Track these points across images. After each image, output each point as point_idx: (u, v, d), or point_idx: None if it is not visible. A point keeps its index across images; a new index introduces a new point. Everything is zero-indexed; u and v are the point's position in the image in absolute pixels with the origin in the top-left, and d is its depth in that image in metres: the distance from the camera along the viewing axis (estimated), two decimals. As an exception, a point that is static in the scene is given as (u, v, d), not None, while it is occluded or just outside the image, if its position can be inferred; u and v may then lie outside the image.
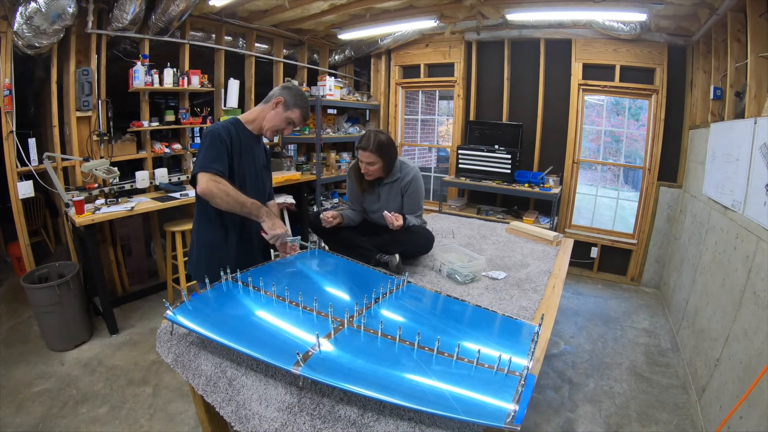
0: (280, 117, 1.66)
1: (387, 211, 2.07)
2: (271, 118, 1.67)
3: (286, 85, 1.73)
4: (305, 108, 1.71)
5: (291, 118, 1.67)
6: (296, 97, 1.67)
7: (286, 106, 1.65)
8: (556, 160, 4.08)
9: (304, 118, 1.71)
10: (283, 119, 1.67)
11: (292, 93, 1.67)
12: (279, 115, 1.66)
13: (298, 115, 1.68)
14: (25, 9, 2.41)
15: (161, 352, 1.28)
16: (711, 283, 2.35)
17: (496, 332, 1.31)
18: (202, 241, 1.69)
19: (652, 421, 2.13)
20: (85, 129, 3.02)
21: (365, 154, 1.93)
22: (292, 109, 1.66)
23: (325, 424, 0.96)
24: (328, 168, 4.49)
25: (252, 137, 1.70)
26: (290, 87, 1.71)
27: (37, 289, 2.49)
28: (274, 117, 1.66)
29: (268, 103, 1.68)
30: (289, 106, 1.66)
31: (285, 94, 1.66)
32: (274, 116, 1.66)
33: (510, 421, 0.86)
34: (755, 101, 2.16)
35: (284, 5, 3.43)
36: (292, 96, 1.66)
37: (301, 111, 1.69)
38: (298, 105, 1.67)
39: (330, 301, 1.28)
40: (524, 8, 3.41)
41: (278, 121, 1.67)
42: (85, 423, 2.01)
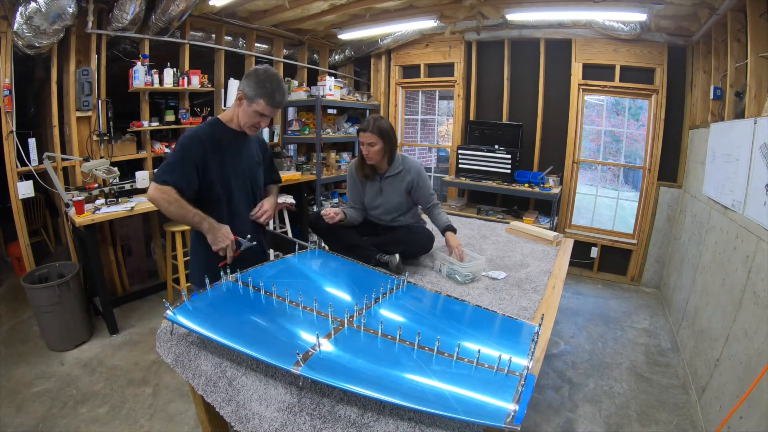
0: (248, 113, 1.53)
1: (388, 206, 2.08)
2: (242, 116, 1.55)
3: (247, 73, 1.54)
4: (269, 94, 1.49)
5: (257, 111, 1.51)
6: (256, 85, 1.49)
7: (249, 99, 1.51)
8: (556, 160, 4.08)
9: (273, 105, 1.52)
10: (251, 114, 1.53)
11: (251, 82, 1.50)
12: (245, 111, 1.53)
13: (263, 105, 1.50)
14: (25, 9, 2.41)
15: (161, 352, 1.28)
16: (711, 283, 2.35)
17: (496, 332, 1.31)
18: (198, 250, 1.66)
19: (652, 421, 2.13)
20: (85, 129, 3.02)
21: (366, 135, 1.96)
22: (255, 101, 1.50)
23: (325, 424, 0.96)
24: (328, 168, 4.49)
25: (235, 135, 1.61)
26: (250, 74, 1.52)
27: (37, 289, 2.49)
28: (243, 114, 1.55)
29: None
30: (251, 98, 1.50)
31: (244, 86, 1.51)
32: (242, 113, 1.55)
33: (510, 421, 0.86)
34: (755, 101, 2.16)
35: (284, 5, 3.43)
36: (251, 86, 1.49)
37: (266, 100, 1.50)
38: (259, 94, 1.49)
39: (330, 301, 1.28)
40: (524, 8, 3.41)
41: (248, 117, 1.54)
42: (85, 423, 2.01)
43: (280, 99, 1.53)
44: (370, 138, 1.95)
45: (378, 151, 1.98)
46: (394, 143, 2.05)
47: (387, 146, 2.00)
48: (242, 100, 1.53)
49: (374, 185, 2.13)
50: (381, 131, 1.96)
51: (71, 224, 2.83)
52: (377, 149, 1.98)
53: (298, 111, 4.67)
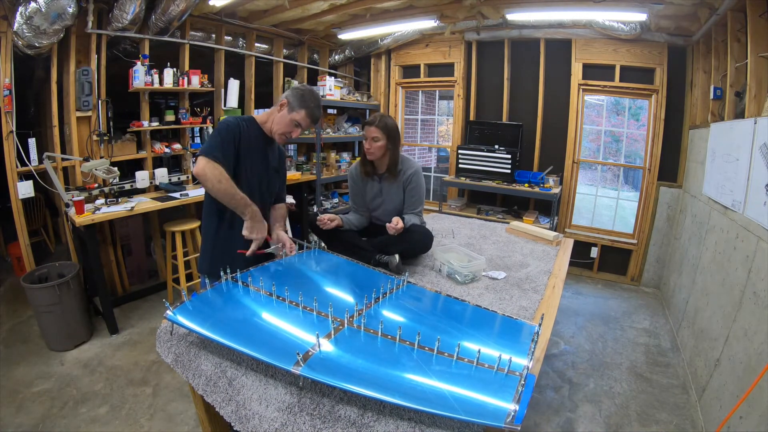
0: (285, 119, 1.63)
1: (388, 206, 2.08)
2: (277, 121, 1.64)
3: (295, 86, 1.68)
4: (311, 108, 1.63)
5: (296, 120, 1.62)
6: (301, 97, 1.61)
7: (291, 107, 1.61)
8: (556, 160, 4.08)
9: (311, 119, 1.65)
10: (288, 122, 1.63)
11: (297, 93, 1.62)
12: (284, 117, 1.63)
13: (303, 116, 1.62)
14: (25, 9, 2.41)
15: (161, 352, 1.28)
16: (711, 283, 2.35)
17: (496, 332, 1.31)
18: (208, 234, 1.70)
19: (652, 421, 2.13)
20: (85, 129, 3.02)
21: (371, 129, 1.97)
22: (296, 110, 1.61)
23: (325, 424, 0.96)
24: (328, 168, 4.49)
25: (264, 138, 1.69)
26: (297, 87, 1.66)
27: (37, 289, 2.49)
28: (280, 120, 1.63)
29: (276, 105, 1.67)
30: (294, 107, 1.61)
31: (289, 95, 1.62)
32: (280, 119, 1.63)
33: (510, 421, 0.86)
34: (755, 101, 2.16)
35: (284, 5, 3.43)
36: (296, 97, 1.61)
37: (307, 111, 1.62)
38: (302, 105, 1.61)
39: (330, 301, 1.28)
40: (524, 8, 3.41)
41: (283, 123, 1.63)
42: (85, 423, 2.01)
43: (318, 114, 1.67)
44: (375, 132, 1.96)
45: (380, 147, 1.99)
46: (398, 144, 2.06)
47: (390, 144, 2.00)
48: (284, 106, 1.62)
49: (374, 185, 2.14)
50: (387, 128, 1.97)
51: (71, 224, 2.83)
52: (380, 145, 1.98)
53: (298, 111, 4.66)
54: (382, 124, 1.97)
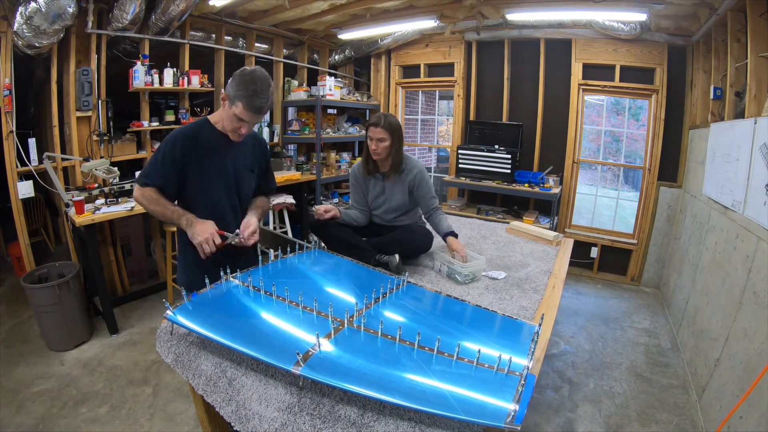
0: (228, 116, 1.43)
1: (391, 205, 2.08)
2: (225, 119, 1.47)
3: (234, 74, 1.42)
4: (249, 97, 1.35)
5: (237, 115, 1.39)
6: (238, 86, 1.36)
7: (230, 101, 1.39)
8: (556, 160, 4.08)
9: (253, 110, 1.38)
10: (231, 118, 1.42)
11: (234, 83, 1.39)
12: (227, 113, 1.43)
13: (241, 108, 1.37)
14: (25, 9, 2.41)
15: (161, 352, 1.28)
16: (711, 283, 2.35)
17: (496, 332, 1.31)
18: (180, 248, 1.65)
19: (652, 421, 2.13)
20: (85, 129, 3.02)
21: (377, 130, 1.96)
22: (234, 103, 1.38)
23: (325, 424, 0.96)
24: (328, 168, 4.49)
25: (221, 137, 1.52)
26: (235, 75, 1.41)
27: (37, 289, 2.49)
28: (226, 116, 1.45)
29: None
30: (232, 100, 1.38)
31: (228, 88, 1.40)
32: (225, 116, 1.45)
33: (510, 421, 0.86)
34: (755, 101, 2.16)
35: (284, 5, 3.43)
36: (234, 87, 1.38)
37: (244, 102, 1.36)
38: (239, 96, 1.36)
39: (330, 301, 1.28)
40: (524, 8, 3.41)
41: (229, 120, 1.44)
42: (85, 423, 2.01)
43: (260, 104, 1.37)
44: (381, 133, 1.96)
45: (386, 147, 1.99)
46: (401, 141, 2.06)
47: (395, 143, 2.01)
48: (225, 101, 1.43)
49: (377, 184, 2.14)
50: (392, 127, 1.97)
51: (71, 224, 2.83)
52: (386, 145, 1.99)
53: (298, 111, 4.67)
54: (386, 124, 1.96)
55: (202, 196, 1.53)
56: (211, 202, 1.55)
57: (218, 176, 1.54)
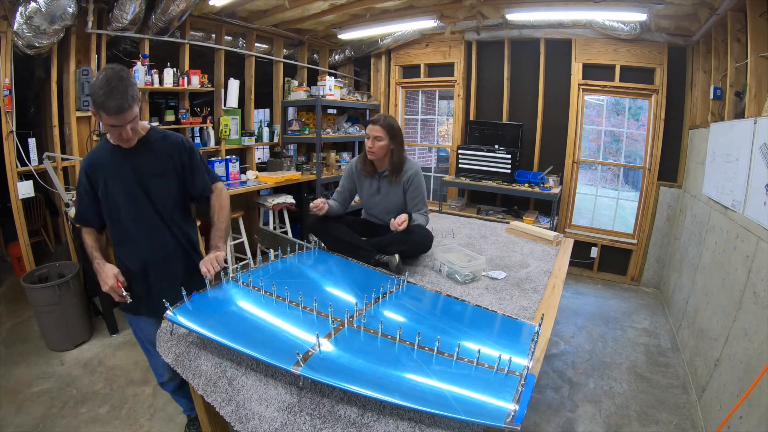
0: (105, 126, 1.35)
1: (386, 206, 2.08)
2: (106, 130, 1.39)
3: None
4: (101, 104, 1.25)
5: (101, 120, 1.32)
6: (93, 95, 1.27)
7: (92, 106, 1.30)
8: (556, 160, 4.08)
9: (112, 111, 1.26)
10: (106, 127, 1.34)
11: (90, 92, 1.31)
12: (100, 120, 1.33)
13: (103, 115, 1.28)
14: (25, 9, 2.41)
15: (161, 352, 1.28)
16: (711, 283, 2.35)
17: (496, 332, 1.31)
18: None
19: (652, 421, 2.13)
20: (85, 129, 3.02)
21: (374, 128, 1.97)
22: (98, 112, 1.28)
23: (325, 424, 0.96)
24: (328, 168, 4.49)
25: (117, 152, 1.43)
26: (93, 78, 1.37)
27: (37, 289, 2.49)
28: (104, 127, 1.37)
29: None
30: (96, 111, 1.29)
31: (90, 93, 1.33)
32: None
33: (510, 421, 0.86)
34: (755, 101, 2.16)
35: (284, 5, 3.43)
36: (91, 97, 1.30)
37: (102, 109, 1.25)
38: (95, 104, 1.26)
39: (330, 301, 1.28)
40: (524, 8, 3.41)
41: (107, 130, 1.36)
42: (85, 423, 2.01)
43: (116, 104, 1.25)
44: (378, 132, 1.96)
45: (382, 147, 1.99)
46: (402, 144, 2.06)
47: (392, 144, 2.01)
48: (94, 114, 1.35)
49: (373, 183, 2.13)
50: (390, 128, 1.98)
51: (71, 224, 2.83)
52: (382, 145, 1.98)
53: (298, 111, 4.67)
54: (386, 123, 1.97)
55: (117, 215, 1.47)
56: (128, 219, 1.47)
57: (122, 192, 1.44)
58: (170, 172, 1.52)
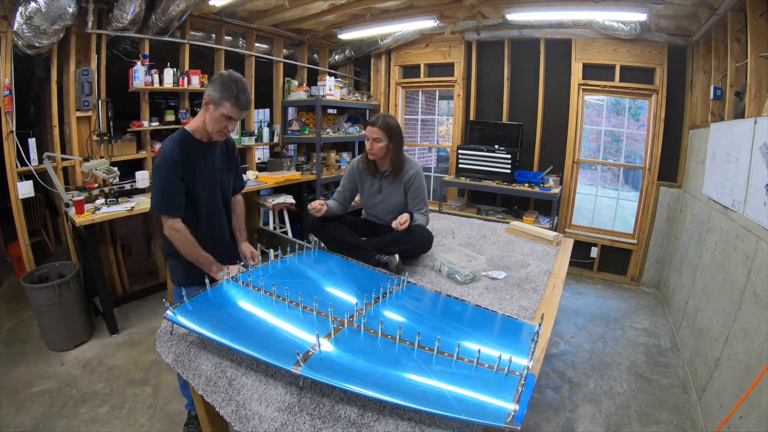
0: (214, 117, 1.53)
1: (387, 205, 2.08)
2: (209, 122, 1.55)
3: (213, 78, 1.56)
4: (235, 96, 1.50)
5: (224, 114, 1.52)
6: (221, 89, 1.49)
7: (216, 103, 1.51)
8: (556, 160, 4.08)
9: (240, 107, 1.52)
10: (218, 118, 1.53)
11: (217, 86, 1.51)
12: (212, 115, 1.53)
13: (229, 108, 1.50)
14: (25, 9, 2.41)
15: (161, 352, 1.28)
16: (711, 283, 2.35)
17: (496, 332, 1.31)
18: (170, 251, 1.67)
19: (652, 421, 2.13)
20: (85, 129, 3.02)
21: (373, 130, 1.96)
22: (222, 104, 1.50)
23: (325, 424, 0.96)
24: (328, 168, 4.49)
25: (202, 145, 1.62)
26: (215, 79, 1.54)
27: (37, 289, 2.49)
28: (211, 119, 1.54)
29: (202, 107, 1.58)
30: (218, 102, 1.50)
31: (210, 92, 1.52)
32: (210, 119, 1.55)
33: (510, 421, 0.86)
34: (755, 101, 2.16)
35: (284, 5, 3.43)
36: (217, 90, 1.50)
37: (232, 102, 1.50)
38: (225, 97, 1.49)
39: (330, 301, 1.28)
40: (524, 8, 3.41)
41: (216, 121, 1.54)
42: (85, 423, 2.01)
43: (245, 101, 1.53)
44: (377, 133, 1.96)
45: (382, 148, 1.99)
46: (401, 143, 2.06)
47: (392, 144, 2.01)
48: (209, 105, 1.53)
49: (374, 183, 2.14)
50: (389, 128, 1.97)
51: (71, 224, 2.83)
52: (382, 146, 1.98)
53: (298, 111, 4.67)
54: (383, 124, 1.96)
55: (201, 206, 1.63)
56: (208, 209, 1.66)
57: (207, 182, 1.64)
58: (231, 168, 1.80)
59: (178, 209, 1.55)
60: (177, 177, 1.53)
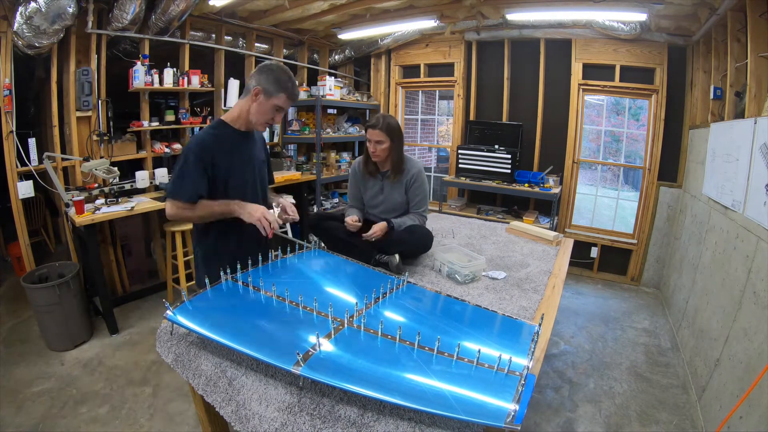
0: (265, 107, 1.50)
1: (389, 205, 2.09)
2: (255, 111, 1.52)
3: (262, 68, 1.52)
4: (290, 88, 1.51)
5: (277, 105, 1.51)
6: (276, 80, 1.48)
7: (267, 93, 1.49)
8: (556, 160, 4.08)
9: (293, 98, 1.54)
10: (269, 108, 1.51)
11: (271, 77, 1.48)
12: (262, 105, 1.50)
13: (284, 99, 1.50)
14: (25, 9, 2.41)
15: (161, 352, 1.28)
16: (711, 283, 2.35)
17: (496, 332, 1.31)
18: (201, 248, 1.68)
19: (652, 421, 2.13)
20: (85, 129, 3.02)
21: (374, 132, 1.96)
22: (275, 95, 1.49)
23: (325, 424, 0.96)
24: (328, 168, 4.49)
25: (240, 135, 1.59)
26: (267, 69, 1.51)
27: (37, 289, 2.49)
28: (258, 109, 1.51)
29: (247, 95, 1.53)
30: (271, 92, 1.48)
31: (263, 81, 1.49)
32: (258, 108, 1.51)
33: (510, 421, 0.86)
34: (755, 101, 2.16)
35: (284, 5, 3.43)
36: (271, 81, 1.48)
37: (287, 93, 1.50)
38: (281, 88, 1.49)
39: (330, 301, 1.28)
40: (524, 8, 3.41)
41: (263, 112, 1.52)
42: (85, 423, 2.01)
43: (297, 92, 1.56)
44: (379, 135, 1.96)
45: (385, 149, 1.99)
46: (401, 142, 2.06)
47: (394, 144, 2.01)
48: (259, 95, 1.49)
49: (376, 183, 2.14)
50: (390, 129, 1.97)
51: (71, 224, 2.83)
52: (384, 147, 1.99)
53: (298, 111, 4.67)
54: (384, 125, 1.96)
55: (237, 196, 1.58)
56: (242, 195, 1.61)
57: (248, 174, 1.63)
58: (267, 161, 1.79)
59: (188, 195, 1.47)
60: (199, 165, 1.47)
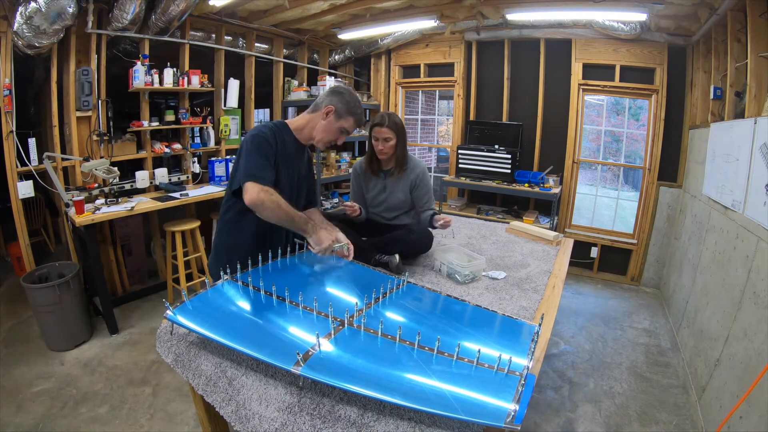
0: (332, 127, 1.56)
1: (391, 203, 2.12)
2: (322, 129, 1.56)
3: (336, 90, 1.58)
4: (359, 114, 1.59)
5: (344, 127, 1.57)
6: (348, 103, 1.55)
7: (338, 115, 1.54)
8: (556, 160, 4.08)
9: (358, 124, 1.62)
10: (335, 129, 1.56)
11: (344, 99, 1.55)
12: (331, 125, 1.55)
13: (351, 123, 1.57)
14: (25, 9, 2.41)
15: (161, 352, 1.28)
16: (711, 283, 2.35)
17: (496, 332, 1.31)
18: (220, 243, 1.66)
19: (652, 421, 2.13)
20: (85, 129, 3.02)
21: (382, 130, 1.98)
22: (345, 117, 1.55)
23: (325, 424, 0.96)
24: (328, 168, 4.49)
25: (297, 146, 1.62)
26: (341, 92, 1.57)
27: (37, 289, 2.49)
28: (326, 127, 1.56)
29: (317, 111, 1.57)
30: (342, 114, 1.55)
31: (336, 102, 1.54)
32: (325, 126, 1.56)
33: (510, 421, 0.86)
34: (755, 101, 2.16)
35: (284, 5, 3.43)
36: (344, 103, 1.54)
37: (355, 118, 1.58)
38: (351, 112, 1.56)
39: (330, 301, 1.28)
40: (524, 8, 3.41)
41: (330, 131, 1.57)
42: (85, 423, 2.01)
43: (363, 120, 1.65)
44: (387, 133, 1.98)
45: (392, 146, 2.02)
46: (405, 138, 2.09)
47: (400, 141, 2.03)
48: (331, 114, 1.54)
49: (378, 182, 2.15)
50: (397, 126, 1.99)
51: (71, 224, 2.83)
52: (392, 144, 2.01)
53: (298, 111, 4.67)
54: (392, 123, 1.98)
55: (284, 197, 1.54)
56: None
57: (290, 181, 1.61)
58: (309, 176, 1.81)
59: (267, 179, 1.41)
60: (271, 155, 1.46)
